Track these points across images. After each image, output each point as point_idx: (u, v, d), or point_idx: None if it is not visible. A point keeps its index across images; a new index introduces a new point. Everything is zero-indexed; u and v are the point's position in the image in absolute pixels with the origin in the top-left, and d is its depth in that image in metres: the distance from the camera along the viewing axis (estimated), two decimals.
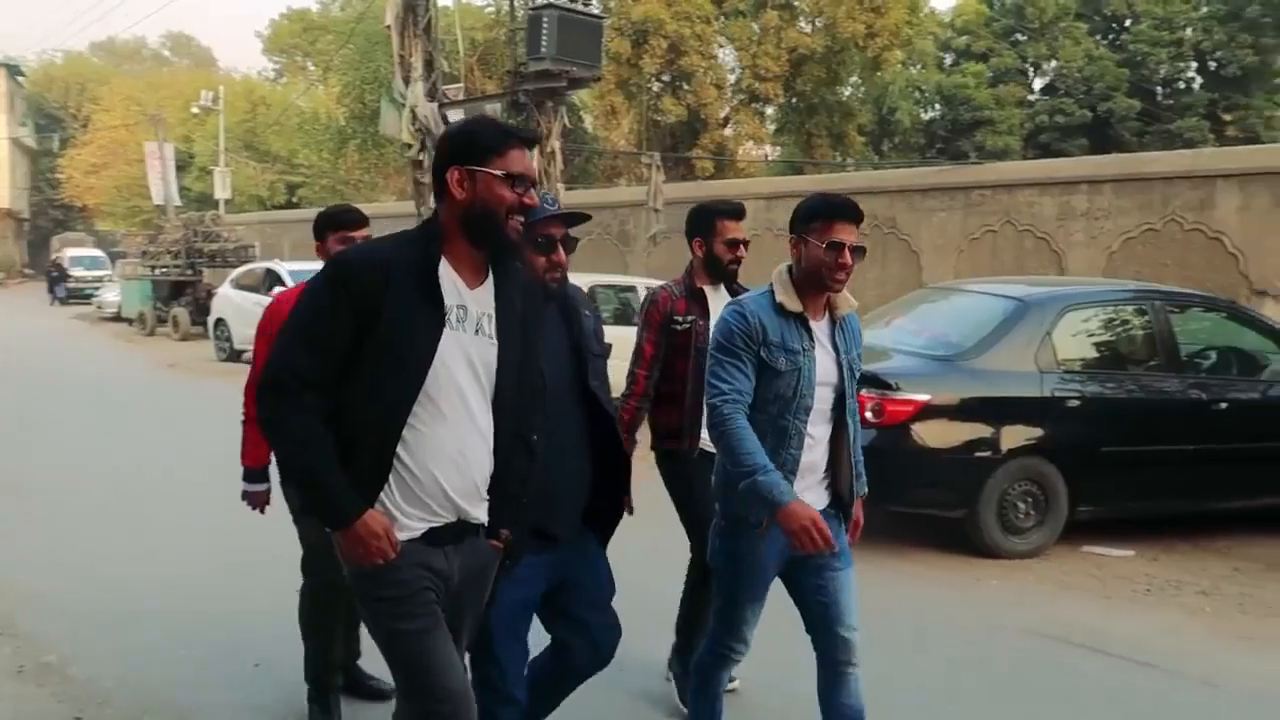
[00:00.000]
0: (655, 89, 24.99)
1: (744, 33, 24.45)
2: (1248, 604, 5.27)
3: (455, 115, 13.77)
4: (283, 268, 15.36)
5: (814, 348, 2.77)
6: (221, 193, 29.80)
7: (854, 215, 2.74)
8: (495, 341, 2.25)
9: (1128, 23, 30.88)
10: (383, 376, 2.14)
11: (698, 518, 3.52)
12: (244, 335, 15.48)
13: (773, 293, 2.80)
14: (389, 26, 13.78)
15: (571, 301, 2.79)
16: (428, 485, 2.18)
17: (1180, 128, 28.28)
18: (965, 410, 5.86)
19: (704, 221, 3.62)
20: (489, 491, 2.29)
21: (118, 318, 23.60)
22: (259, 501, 3.56)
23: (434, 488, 2.19)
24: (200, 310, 18.90)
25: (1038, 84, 32.44)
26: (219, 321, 16.38)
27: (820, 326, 2.82)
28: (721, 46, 25.59)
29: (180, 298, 20.56)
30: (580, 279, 11.08)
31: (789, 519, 2.57)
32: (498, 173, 2.16)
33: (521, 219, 2.21)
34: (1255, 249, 9.45)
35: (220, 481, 4.55)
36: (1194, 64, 30.27)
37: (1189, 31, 29.67)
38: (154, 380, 14.15)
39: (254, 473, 3.52)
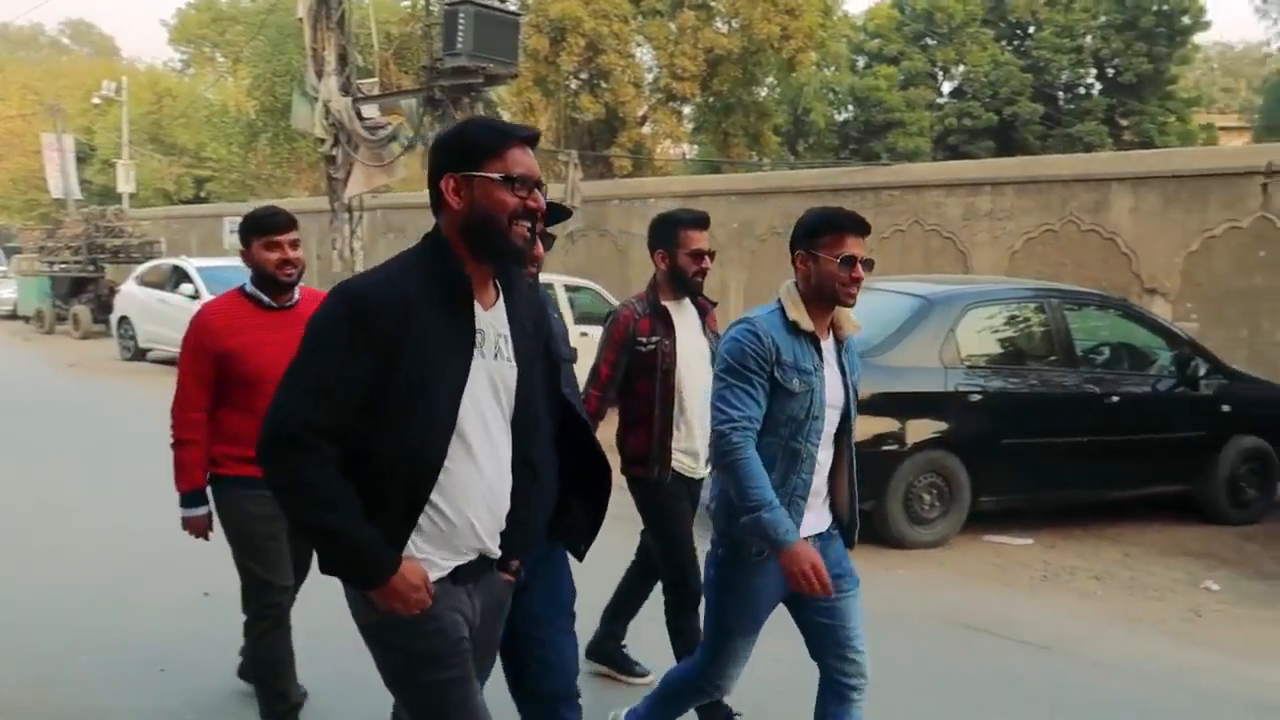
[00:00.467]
0: (573, 86, 24.97)
1: (661, 32, 24.60)
2: (1136, 587, 5.55)
3: (370, 110, 13.59)
4: (190, 264, 14.95)
5: (823, 367, 2.69)
6: (125, 186, 28.79)
7: (863, 229, 2.67)
8: (515, 365, 2.07)
9: (1031, 29, 31.91)
10: (411, 419, 1.93)
11: (671, 544, 3.49)
12: (149, 333, 15.03)
13: (783, 310, 2.69)
14: (301, 19, 13.55)
15: (540, 303, 2.61)
16: (460, 528, 2.01)
17: (1080, 132, 29.35)
18: (873, 405, 6.02)
19: (666, 232, 3.47)
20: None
21: (13, 315, 22.71)
22: (202, 528, 3.31)
23: (466, 529, 2.02)
24: (102, 308, 18.31)
25: (946, 87, 33.31)
26: (123, 319, 15.88)
27: (827, 346, 2.74)
28: (639, 45, 25.69)
29: (81, 295, 19.90)
30: None
31: (792, 561, 2.52)
32: (495, 176, 1.97)
33: (528, 225, 2.00)
34: (1146, 249, 9.89)
35: (126, 483, 4.45)
36: (1093, 70, 31.44)
37: (1088, 39, 30.80)
38: (55, 380, 13.64)
39: (191, 497, 3.28)
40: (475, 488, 2.00)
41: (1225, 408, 6.91)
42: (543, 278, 13.09)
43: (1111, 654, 4.51)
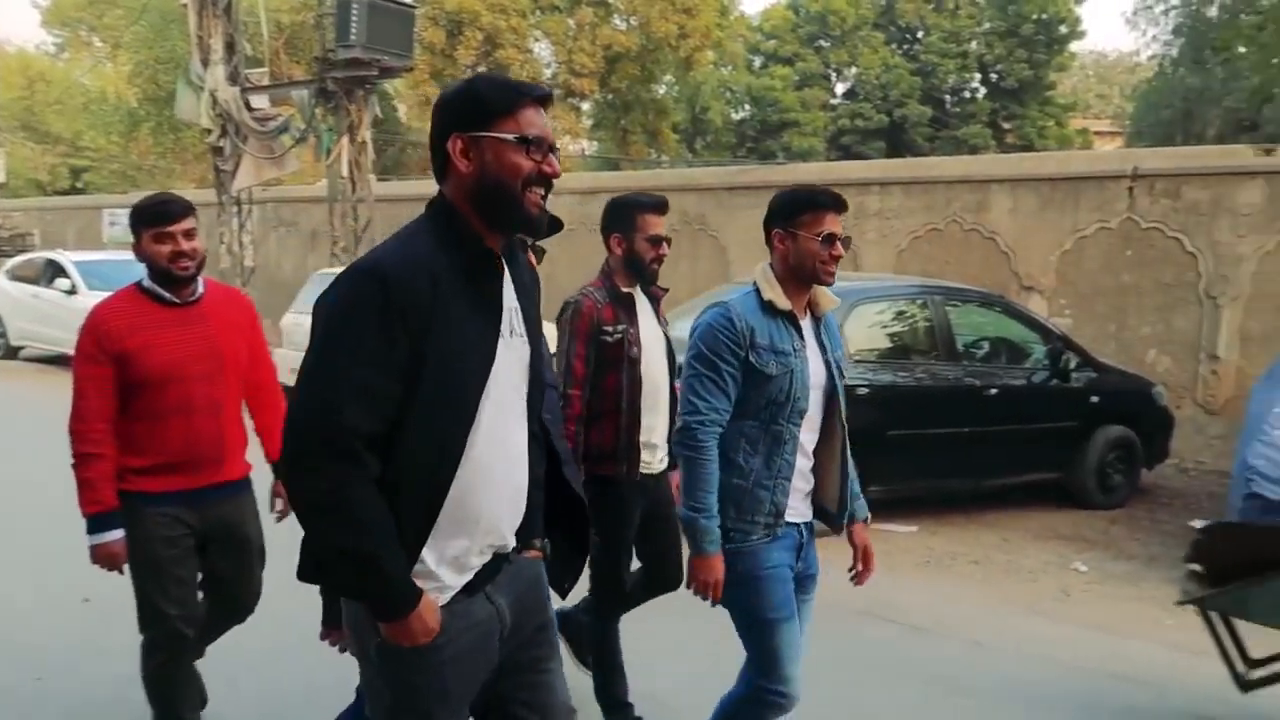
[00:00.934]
0: None
1: (559, 28, 24.59)
2: (1011, 570, 5.83)
3: (259, 101, 13.23)
4: (66, 258, 14.28)
5: (804, 348, 2.65)
6: None
7: (841, 206, 2.65)
8: (527, 340, 1.92)
9: (920, 34, 32.94)
10: (438, 412, 1.74)
11: (615, 547, 3.30)
12: (21, 331, 14.34)
13: (758, 291, 2.65)
14: (185, 4, 13.09)
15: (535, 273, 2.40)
16: (480, 525, 1.83)
17: (966, 134, 30.44)
18: None
19: (624, 216, 3.28)
20: None
21: None
22: (117, 556, 2.89)
23: (485, 526, 1.84)
24: None
25: (840, 89, 34.15)
26: None
27: (806, 325, 2.71)
28: (537, 40, 25.62)
29: None
30: None
31: (706, 570, 2.55)
32: (509, 136, 1.78)
33: (542, 192, 1.83)
34: (1024, 248, 10.34)
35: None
36: (978, 75, 32.64)
37: (973, 45, 31.96)
38: None
39: (101, 520, 2.86)
40: (495, 479, 1.84)
41: (1094, 399, 7.30)
42: None
43: (989, 633, 4.74)
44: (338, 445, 1.68)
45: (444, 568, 1.80)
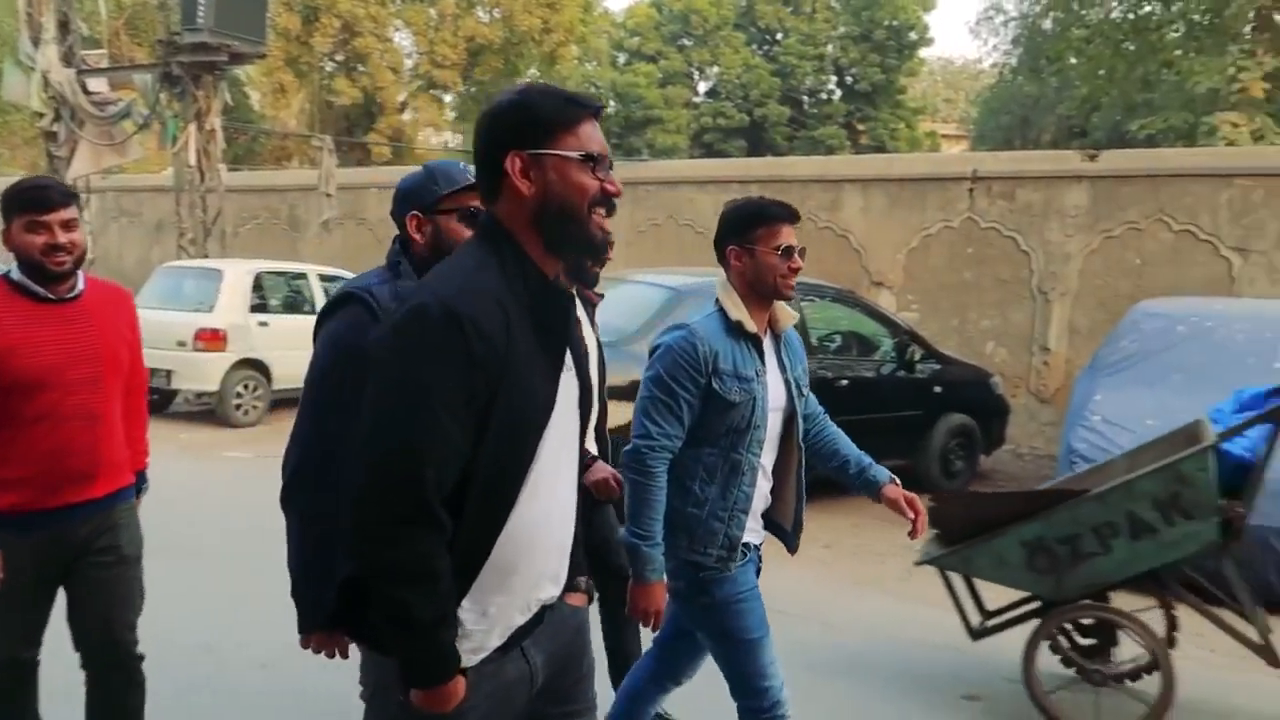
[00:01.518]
0: (328, 69, 24.06)
1: (421, 18, 24.18)
2: (861, 553, 6.12)
3: (97, 84, 12.56)
4: None
5: (765, 372, 2.58)
6: None
7: (795, 216, 2.59)
8: (576, 376, 1.78)
9: (779, 36, 33.82)
10: (493, 458, 1.60)
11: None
12: None
13: (723, 312, 2.56)
14: None
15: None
16: (530, 577, 1.70)
17: (822, 135, 31.44)
18: (626, 393, 6.26)
19: None
20: None
21: None
22: None
23: (535, 579, 1.72)
24: None
25: (702, 87, 34.72)
26: None
27: (767, 344, 2.64)
28: (398, 30, 25.11)
29: None
30: (245, 266, 10.55)
31: (648, 598, 2.47)
32: (573, 155, 1.65)
33: (604, 211, 1.69)
34: (874, 246, 10.81)
35: None
36: (834, 78, 33.75)
37: (830, 48, 33.02)
38: None
39: None
40: (543, 529, 1.71)
41: (938, 389, 7.71)
42: (295, 267, 12.47)
43: (840, 614, 4.98)
44: (424, 512, 1.55)
45: (482, 625, 1.67)
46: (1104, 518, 3.54)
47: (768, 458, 2.63)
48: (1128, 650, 3.89)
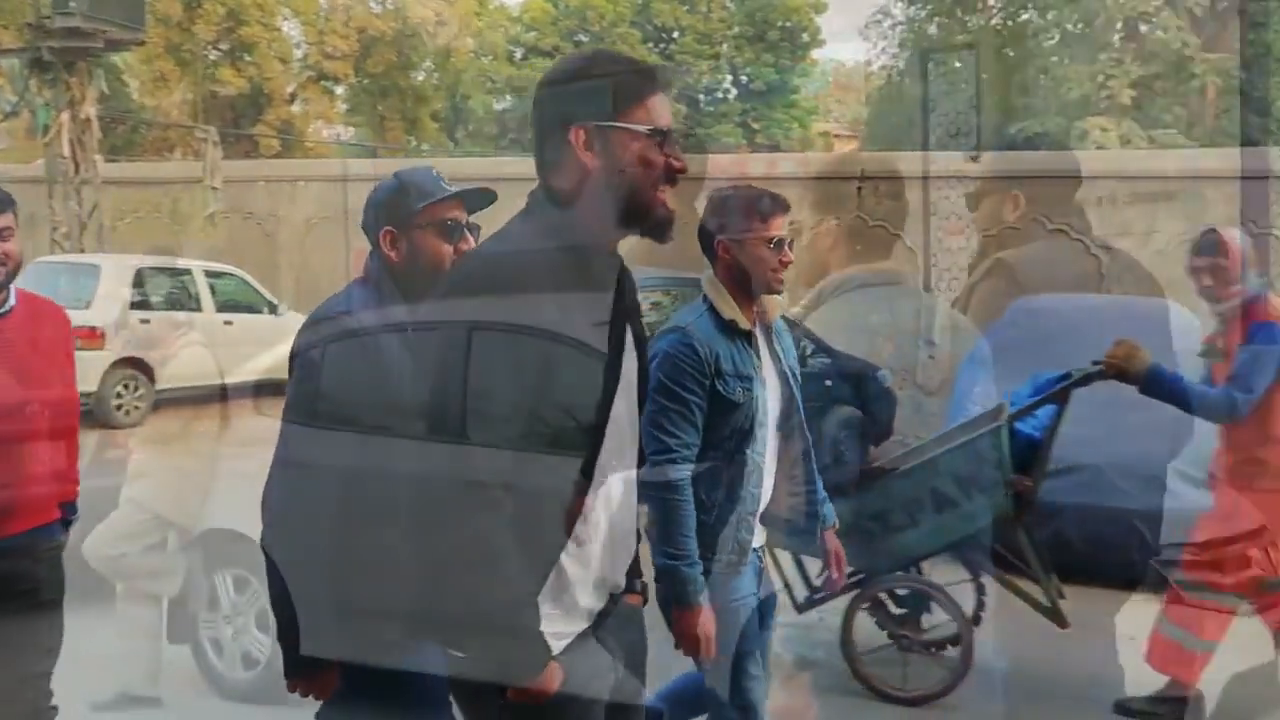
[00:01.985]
0: (212, 57, 23.28)
1: (310, 8, 23.63)
2: None
3: None
4: None
5: (762, 367, 2.48)
6: None
7: (786, 207, 2.50)
8: (635, 353, 1.74)
9: (675, 34, 34.09)
10: (561, 440, 1.56)
11: None
12: None
13: (714, 310, 2.45)
14: None
15: None
16: (600, 561, 1.67)
17: (719, 134, 31.84)
18: None
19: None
20: None
21: None
22: None
23: (604, 565, 1.69)
24: None
25: None
26: None
27: (759, 338, 2.53)
28: (286, 19, 24.46)
29: None
30: (125, 261, 10.16)
31: (691, 622, 2.31)
32: (643, 128, 1.57)
33: (668, 188, 1.63)
34: None
35: None
36: (729, 77, 34.20)
37: (725, 47, 33.44)
38: None
39: None
40: (608, 510, 1.68)
41: (828, 382, 7.91)
42: (178, 262, 12.08)
43: None
44: (485, 494, 1.52)
45: (558, 612, 1.63)
46: (911, 493, 3.78)
47: (769, 455, 2.54)
48: (940, 618, 4.05)
